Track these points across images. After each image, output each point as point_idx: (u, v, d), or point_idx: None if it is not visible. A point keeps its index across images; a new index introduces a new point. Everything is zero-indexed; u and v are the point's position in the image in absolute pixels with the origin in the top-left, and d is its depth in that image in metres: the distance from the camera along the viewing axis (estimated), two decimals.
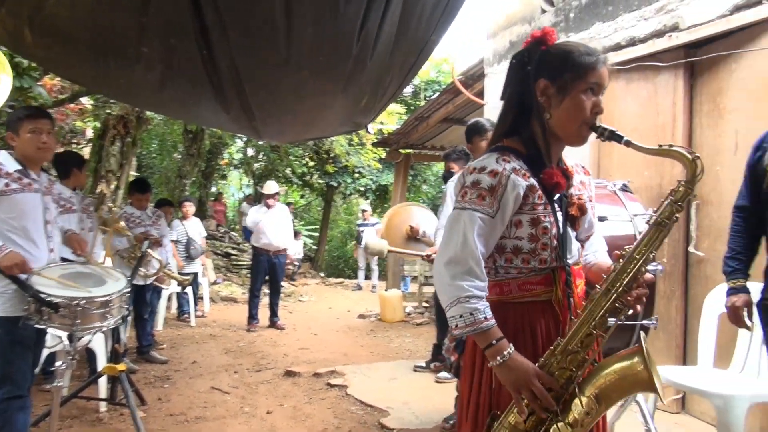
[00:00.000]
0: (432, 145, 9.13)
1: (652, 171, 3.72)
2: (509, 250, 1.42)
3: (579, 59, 1.38)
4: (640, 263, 1.32)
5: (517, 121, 1.46)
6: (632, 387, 1.35)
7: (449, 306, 1.35)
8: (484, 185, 1.38)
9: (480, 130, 3.23)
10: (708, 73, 3.47)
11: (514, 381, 1.31)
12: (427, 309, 8.07)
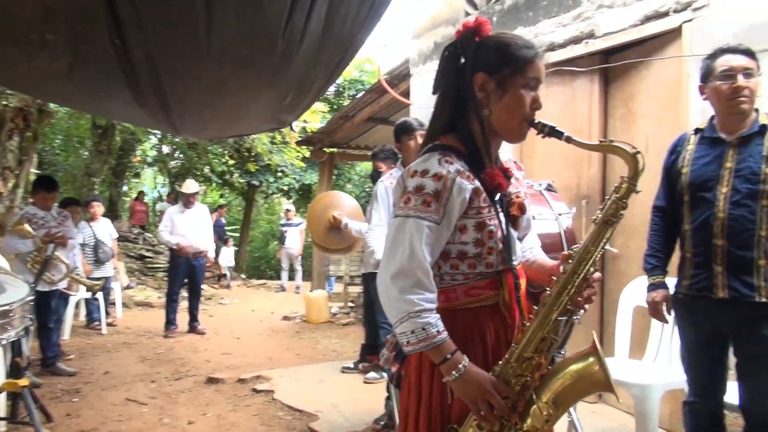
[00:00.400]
0: (357, 145, 9.10)
1: (571, 171, 3.88)
2: (454, 255, 1.35)
3: (518, 53, 1.33)
4: (589, 263, 1.30)
5: (454, 116, 1.39)
6: (589, 388, 1.34)
7: (399, 322, 1.27)
8: (429, 190, 1.30)
9: (408, 130, 3.23)
10: (621, 79, 3.66)
11: (472, 394, 1.27)
12: (353, 309, 8.04)
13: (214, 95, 3.29)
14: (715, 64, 2.13)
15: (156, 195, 18.29)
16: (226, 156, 12.97)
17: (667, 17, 3.27)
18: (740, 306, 2.02)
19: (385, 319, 4.20)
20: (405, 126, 3.25)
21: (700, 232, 2.12)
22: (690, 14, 3.16)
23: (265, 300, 10.03)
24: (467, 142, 1.38)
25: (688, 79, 3.13)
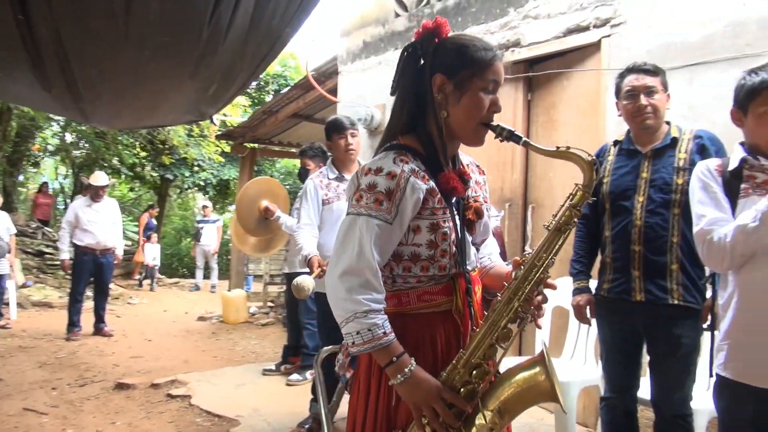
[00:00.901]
0: (280, 141, 8.90)
1: (495, 175, 3.98)
2: (407, 257, 1.32)
3: (477, 54, 1.31)
4: (541, 270, 1.27)
5: (413, 117, 1.36)
6: (535, 398, 1.30)
7: (345, 322, 1.25)
8: (381, 188, 1.26)
9: (339, 128, 3.17)
10: (544, 88, 3.80)
11: (417, 399, 1.24)
12: (273, 309, 7.86)
13: (130, 82, 3.07)
14: (622, 83, 2.28)
15: (57, 186, 16.99)
16: (138, 147, 12.26)
17: (588, 31, 3.43)
18: (655, 308, 2.15)
19: (308, 319, 4.16)
20: (336, 124, 3.19)
21: (620, 238, 2.23)
22: (608, 30, 3.33)
23: (178, 299, 9.59)
24: (425, 143, 1.35)
25: (605, 91, 3.30)
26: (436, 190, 1.31)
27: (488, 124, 1.32)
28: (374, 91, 4.87)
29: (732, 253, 1.60)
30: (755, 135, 1.72)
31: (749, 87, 1.70)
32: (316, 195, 3.16)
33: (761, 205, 1.56)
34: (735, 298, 1.65)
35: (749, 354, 1.61)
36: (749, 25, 2.81)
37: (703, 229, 1.68)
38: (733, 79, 2.83)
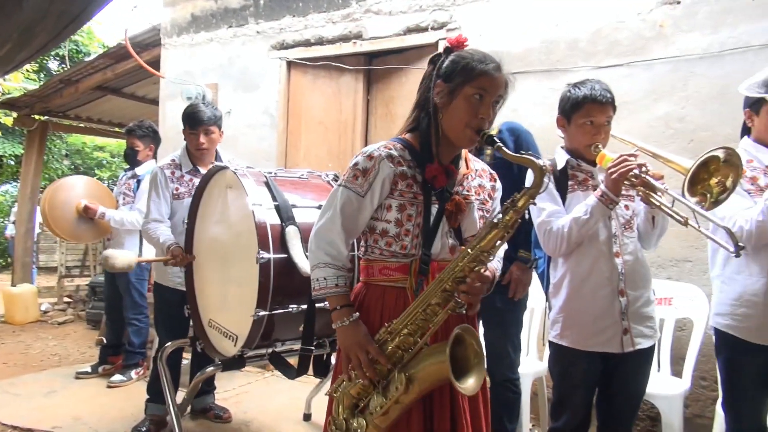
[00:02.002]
0: (78, 115, 7.86)
1: (335, 164, 4.06)
2: (378, 231, 1.53)
3: (470, 64, 1.46)
4: (469, 259, 1.38)
5: (419, 118, 1.56)
6: (439, 377, 1.38)
7: (312, 269, 1.52)
8: (360, 167, 1.50)
9: (191, 122, 2.88)
10: (383, 81, 3.97)
11: (346, 345, 1.47)
12: (71, 305, 6.97)
13: None
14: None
15: None
16: None
17: (426, 32, 3.67)
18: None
19: (134, 315, 3.81)
20: (189, 116, 2.87)
21: None
22: (444, 33, 3.61)
23: None
24: (423, 139, 1.53)
25: None
26: (407, 175, 1.50)
27: (476, 128, 1.45)
28: (205, 70, 4.60)
29: (568, 240, 1.89)
30: (575, 141, 2.01)
31: (573, 100, 1.97)
32: (166, 188, 2.90)
33: (590, 200, 1.86)
34: (566, 279, 1.96)
35: (579, 325, 1.92)
36: (560, 44, 3.29)
37: (543, 220, 1.95)
38: (547, 89, 3.32)
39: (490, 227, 1.38)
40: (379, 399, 1.42)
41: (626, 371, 1.93)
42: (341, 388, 1.51)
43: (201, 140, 2.91)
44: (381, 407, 1.41)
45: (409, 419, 1.46)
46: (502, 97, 1.49)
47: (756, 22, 2.81)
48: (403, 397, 1.39)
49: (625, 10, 3.11)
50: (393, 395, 1.39)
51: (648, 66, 3.05)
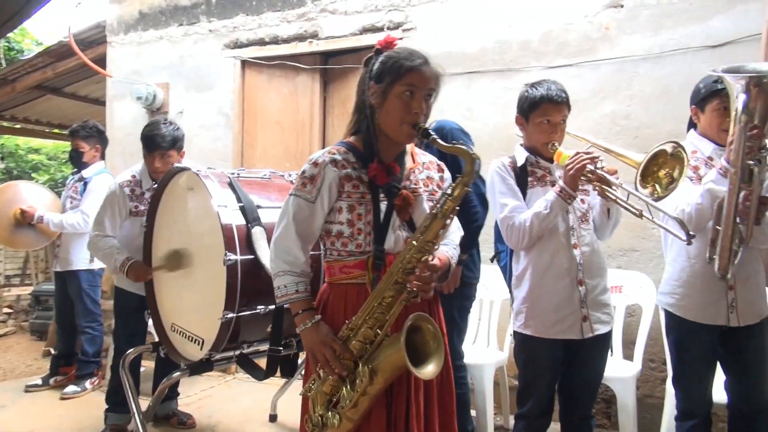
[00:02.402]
0: (13, 115, 7.48)
1: (293, 162, 4.05)
2: (333, 233, 1.60)
3: (398, 63, 1.51)
4: (415, 250, 1.45)
5: (359, 120, 1.62)
6: (398, 366, 1.43)
7: (273, 277, 1.59)
8: (307, 174, 1.57)
9: (148, 145, 2.82)
10: (340, 81, 4.00)
11: (313, 346, 1.52)
12: (12, 315, 6.64)
13: None
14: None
15: None
16: None
17: (383, 32, 3.72)
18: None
19: (87, 322, 3.70)
20: (147, 139, 2.78)
21: None
22: (401, 33, 3.67)
23: None
24: (365, 141, 1.60)
25: None
26: (352, 177, 1.57)
27: (412, 123, 1.51)
28: (155, 69, 4.49)
29: (530, 233, 1.97)
30: (533, 139, 2.10)
31: (531, 100, 2.05)
32: (124, 206, 2.82)
33: (550, 195, 1.95)
34: (529, 271, 2.04)
35: (542, 314, 2.01)
36: (512, 44, 3.40)
37: (506, 215, 2.03)
38: (500, 88, 3.43)
39: (431, 218, 1.45)
40: (348, 392, 1.47)
41: (586, 356, 2.04)
42: (314, 387, 1.56)
43: (156, 164, 2.84)
44: (350, 400, 1.47)
45: (372, 410, 1.51)
46: (433, 90, 1.55)
47: (693, 25, 3.00)
48: (369, 389, 1.46)
49: (573, 13, 3.25)
50: (360, 388, 1.45)
51: (595, 66, 3.20)
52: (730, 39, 2.92)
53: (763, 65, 1.99)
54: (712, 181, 1.94)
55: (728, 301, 1.99)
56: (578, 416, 2.12)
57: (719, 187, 1.91)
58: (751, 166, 1.82)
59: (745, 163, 1.82)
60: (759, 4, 2.86)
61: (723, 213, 1.88)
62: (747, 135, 1.80)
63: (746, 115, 1.80)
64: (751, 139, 1.80)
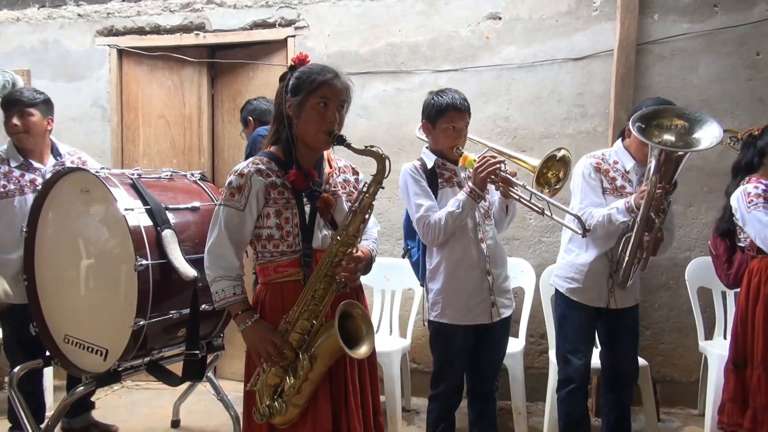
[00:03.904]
0: None
1: (181, 159, 3.90)
2: (264, 238, 1.72)
3: (311, 77, 1.67)
4: (339, 244, 1.64)
5: (278, 131, 1.76)
6: (335, 350, 1.61)
7: (210, 284, 1.70)
8: (234, 185, 1.69)
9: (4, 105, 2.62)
10: (229, 75, 3.90)
11: (254, 342, 1.66)
12: None
13: None
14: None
15: None
16: None
17: (274, 29, 3.71)
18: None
19: None
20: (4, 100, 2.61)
21: None
22: (293, 31, 3.69)
23: None
24: (285, 150, 1.74)
25: None
26: (277, 184, 1.70)
27: (328, 132, 1.67)
28: (12, 53, 4.02)
29: (445, 231, 2.17)
30: (439, 143, 2.30)
31: (437, 107, 2.25)
32: None
33: (461, 196, 2.16)
34: (443, 265, 2.24)
35: (457, 303, 2.22)
36: (403, 48, 3.59)
37: (422, 215, 2.20)
38: (393, 89, 3.62)
39: (352, 214, 1.65)
40: (292, 381, 1.61)
41: (493, 338, 2.30)
42: (259, 382, 1.67)
43: (14, 122, 2.64)
44: (294, 387, 1.61)
45: (316, 394, 1.66)
46: (345, 101, 1.72)
47: (559, 39, 3.41)
48: (310, 374, 1.61)
49: (458, 22, 3.51)
50: (301, 374, 1.60)
51: (477, 72, 3.50)
52: (588, 53, 3.37)
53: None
54: (616, 209, 2.27)
55: (608, 287, 2.36)
56: (485, 390, 2.38)
57: (618, 217, 2.26)
58: (653, 218, 2.19)
59: (649, 214, 2.19)
60: (611, 25, 3.33)
61: (629, 245, 2.26)
62: (655, 193, 2.15)
63: (656, 176, 2.15)
64: (657, 196, 2.16)
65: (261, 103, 3.25)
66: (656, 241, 2.26)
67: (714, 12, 3.27)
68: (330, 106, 1.67)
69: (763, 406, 2.45)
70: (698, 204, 3.31)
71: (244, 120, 3.26)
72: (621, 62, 3.25)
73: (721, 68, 3.28)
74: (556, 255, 3.37)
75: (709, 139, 2.15)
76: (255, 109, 3.21)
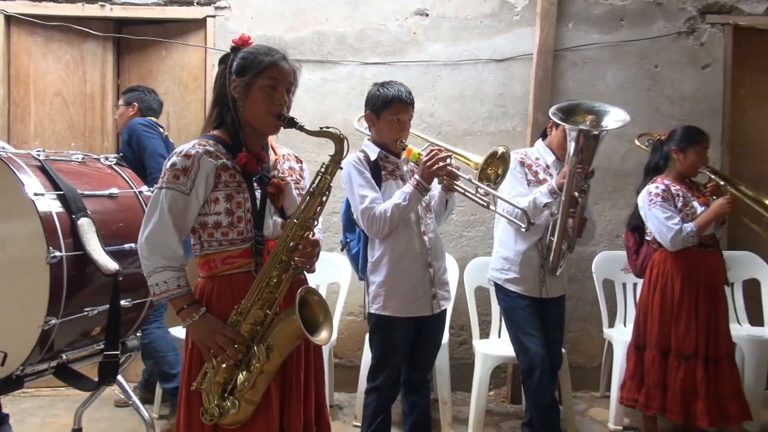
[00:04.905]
0: None
1: (80, 143, 3.54)
2: (211, 225, 1.60)
3: (258, 58, 1.59)
4: (297, 228, 1.56)
5: (221, 114, 1.65)
6: (294, 337, 1.55)
7: (148, 275, 1.54)
8: (179, 166, 1.55)
9: None
10: (139, 53, 3.61)
11: (202, 337, 1.54)
12: None
13: None
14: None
15: None
16: None
17: (192, 6, 3.48)
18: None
19: None
20: None
21: None
22: (213, 10, 3.49)
23: None
24: (231, 133, 1.64)
25: (211, 68, 3.47)
26: (229, 167, 1.60)
27: (276, 114, 1.59)
28: None
29: (390, 223, 2.16)
30: (383, 135, 2.29)
31: (383, 99, 2.23)
32: None
33: (407, 188, 2.16)
34: (386, 257, 2.23)
35: (400, 295, 2.22)
36: (330, 37, 3.52)
37: (367, 206, 2.17)
38: (320, 78, 3.55)
39: (309, 196, 1.57)
40: (246, 375, 1.52)
41: (430, 329, 2.32)
42: (206, 380, 1.56)
43: None
44: (248, 382, 1.52)
45: (268, 389, 1.57)
46: (292, 84, 1.66)
47: (482, 41, 3.52)
48: (266, 366, 1.53)
49: (386, 15, 3.51)
50: (257, 367, 1.52)
51: (405, 66, 3.52)
52: (510, 55, 3.52)
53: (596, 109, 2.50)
54: (540, 192, 2.42)
55: (541, 277, 2.48)
56: (420, 381, 2.40)
57: (543, 199, 2.41)
58: (576, 196, 2.35)
59: (572, 194, 2.34)
60: (531, 30, 3.50)
61: (557, 227, 2.37)
62: (576, 172, 2.31)
63: (576, 157, 2.33)
64: (578, 175, 2.31)
65: (152, 99, 3.23)
66: (581, 221, 2.42)
67: (621, 25, 3.55)
68: (278, 88, 1.61)
69: (654, 384, 2.71)
70: (603, 202, 3.58)
71: (129, 102, 3.19)
72: (540, 66, 3.43)
73: (625, 78, 3.57)
74: (477, 249, 3.53)
75: (618, 122, 2.40)
76: (143, 101, 3.19)
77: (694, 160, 2.76)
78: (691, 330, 2.66)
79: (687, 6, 3.56)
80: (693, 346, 2.65)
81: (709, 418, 2.59)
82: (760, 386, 3.10)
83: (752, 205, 2.85)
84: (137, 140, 2.99)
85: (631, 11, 3.55)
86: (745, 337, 3.12)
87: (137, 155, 2.96)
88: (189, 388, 1.58)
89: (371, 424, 2.33)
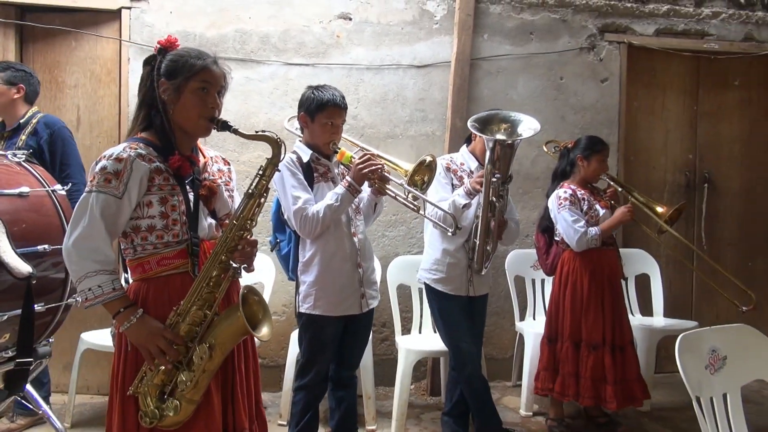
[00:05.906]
0: None
1: None
2: (144, 228, 1.58)
3: (189, 61, 1.60)
4: (236, 228, 1.57)
5: (149, 116, 1.64)
6: (238, 334, 1.56)
7: (78, 281, 1.51)
8: (110, 170, 1.53)
9: None
10: (44, 42, 3.38)
11: (141, 340, 1.52)
12: None
13: None
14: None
15: None
16: None
17: None
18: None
19: None
20: None
21: None
22: (128, 2, 3.35)
23: None
24: (160, 135, 1.63)
25: (127, 62, 3.34)
26: (162, 170, 1.59)
27: (208, 117, 1.61)
28: None
29: (323, 223, 2.20)
30: (315, 137, 2.33)
31: (318, 102, 2.27)
32: None
33: (339, 190, 2.22)
34: (317, 257, 2.27)
35: (330, 294, 2.27)
36: (253, 36, 3.49)
37: (300, 207, 2.20)
38: (242, 77, 3.52)
39: (248, 197, 1.59)
40: (187, 375, 1.52)
41: (358, 328, 2.39)
42: (143, 383, 1.54)
43: None
44: (191, 381, 1.52)
45: (208, 387, 1.58)
46: (223, 87, 1.69)
47: (403, 46, 3.64)
48: (208, 365, 1.54)
49: (309, 17, 3.54)
50: (199, 366, 1.52)
51: (329, 69, 3.57)
52: (429, 62, 3.67)
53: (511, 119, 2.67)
54: (458, 194, 2.57)
55: (468, 276, 2.63)
56: (347, 377, 2.47)
57: (461, 200, 2.56)
58: (494, 201, 2.52)
59: (490, 199, 2.51)
60: (449, 38, 3.67)
61: (479, 230, 2.51)
62: (491, 179, 2.48)
63: (491, 165, 2.49)
64: (494, 182, 2.48)
65: (37, 83, 2.91)
66: (500, 224, 2.59)
67: (530, 38, 3.80)
68: (210, 92, 1.62)
69: (569, 373, 2.94)
70: (514, 204, 3.81)
71: (13, 82, 2.81)
72: (457, 74, 3.60)
73: (534, 88, 3.83)
74: (398, 248, 3.65)
75: (530, 130, 2.59)
76: (30, 84, 2.87)
77: (596, 167, 3.03)
78: (599, 321, 2.92)
79: (588, 24, 3.88)
80: (600, 336, 2.91)
81: (617, 400, 2.85)
82: (650, 371, 3.44)
83: (643, 209, 3.17)
84: (63, 146, 2.79)
85: (540, 26, 3.81)
86: (638, 326, 3.45)
87: (54, 158, 2.77)
88: (123, 394, 1.55)
89: (299, 421, 2.36)
